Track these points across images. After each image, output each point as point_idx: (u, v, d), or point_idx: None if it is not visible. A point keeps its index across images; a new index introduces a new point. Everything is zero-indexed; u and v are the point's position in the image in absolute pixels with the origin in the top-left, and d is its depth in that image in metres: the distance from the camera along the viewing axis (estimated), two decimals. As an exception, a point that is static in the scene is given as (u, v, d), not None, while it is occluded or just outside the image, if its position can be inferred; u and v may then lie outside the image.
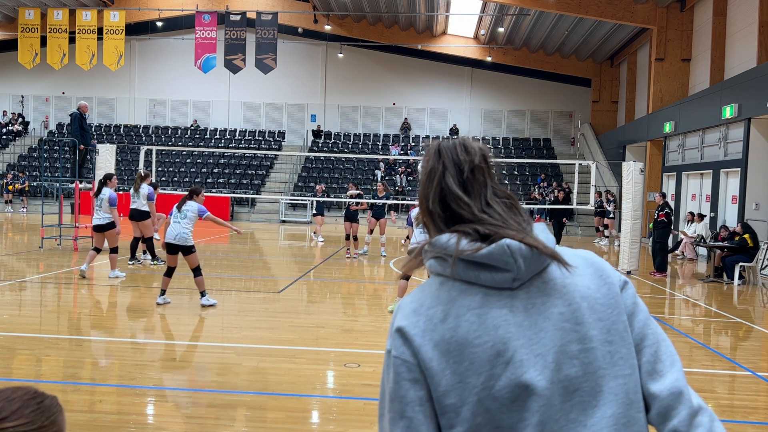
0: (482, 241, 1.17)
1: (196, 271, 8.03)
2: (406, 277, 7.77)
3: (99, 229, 10.50)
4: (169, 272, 8.20)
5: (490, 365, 1.12)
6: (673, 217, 14.06)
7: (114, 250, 10.53)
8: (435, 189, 1.26)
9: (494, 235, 1.17)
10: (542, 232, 1.23)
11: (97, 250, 10.85)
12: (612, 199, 21.74)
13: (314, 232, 19.31)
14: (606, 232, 21.54)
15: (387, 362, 1.20)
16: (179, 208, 8.06)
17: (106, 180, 10.82)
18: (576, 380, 1.14)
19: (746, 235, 12.41)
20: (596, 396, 1.14)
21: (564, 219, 19.18)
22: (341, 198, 15.11)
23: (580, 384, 1.14)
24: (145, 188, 11.63)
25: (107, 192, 10.55)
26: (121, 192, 16.77)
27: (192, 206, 8.02)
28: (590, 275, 1.22)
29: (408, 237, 14.13)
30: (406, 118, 33.07)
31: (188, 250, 7.90)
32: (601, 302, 1.19)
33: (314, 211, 19.46)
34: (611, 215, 21.20)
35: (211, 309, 8.24)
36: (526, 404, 1.11)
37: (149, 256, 12.06)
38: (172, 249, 7.95)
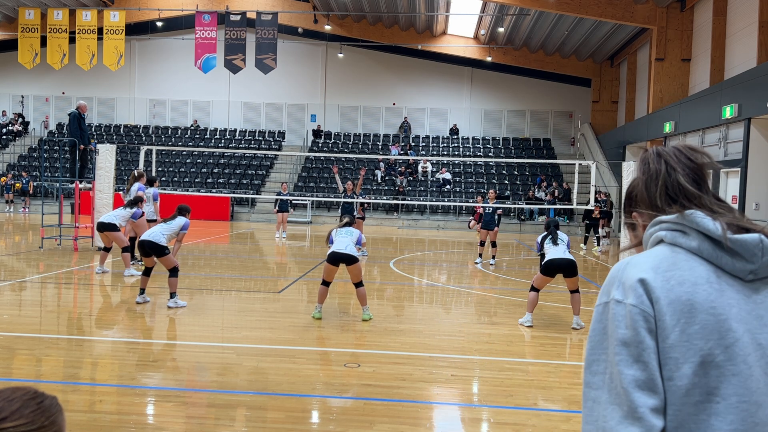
0: (731, 226, 1.29)
1: (172, 272, 8.15)
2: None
3: (101, 227, 10.62)
4: (147, 272, 8.38)
5: (719, 335, 1.21)
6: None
7: (125, 249, 10.64)
8: (661, 188, 1.40)
9: (746, 226, 1.29)
10: None
11: (107, 250, 10.97)
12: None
13: (284, 230, 19.16)
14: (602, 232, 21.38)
15: (615, 311, 1.27)
16: (166, 220, 8.50)
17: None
18: None
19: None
20: None
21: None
22: (342, 198, 15.08)
23: None
24: (135, 187, 11.73)
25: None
26: (119, 192, 16.78)
27: (180, 220, 8.37)
28: None
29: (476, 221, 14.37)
30: (405, 117, 33.04)
31: (161, 252, 8.02)
32: None
33: (277, 208, 19.22)
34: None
35: (211, 309, 8.24)
36: (740, 381, 1.20)
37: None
38: (146, 251, 8.09)
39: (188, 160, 30.45)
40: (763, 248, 1.24)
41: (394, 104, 33.39)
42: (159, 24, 30.73)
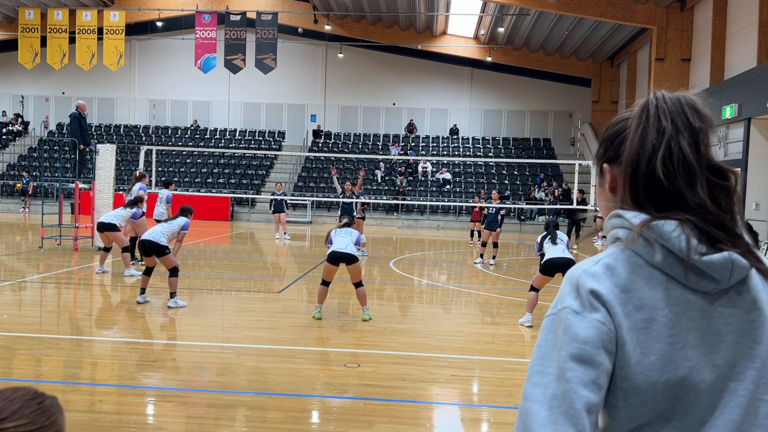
0: (702, 242, 1.11)
1: (172, 272, 8.17)
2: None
3: (101, 228, 10.59)
4: (148, 272, 8.40)
5: (674, 366, 1.11)
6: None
7: (125, 249, 10.64)
8: (664, 152, 1.13)
9: (720, 241, 1.11)
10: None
11: (107, 250, 10.95)
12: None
13: (285, 232, 18.81)
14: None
15: (571, 321, 1.13)
16: (166, 220, 8.60)
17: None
18: (737, 394, 1.14)
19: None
20: (749, 417, 1.14)
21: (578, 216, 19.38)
22: (341, 199, 15.08)
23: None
24: (137, 187, 11.75)
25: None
26: (120, 192, 16.79)
27: (181, 220, 8.42)
28: None
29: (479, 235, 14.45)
30: (411, 120, 33.02)
31: (161, 252, 8.04)
32: None
33: (272, 209, 18.81)
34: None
35: (211, 309, 8.24)
36: (690, 409, 1.13)
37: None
38: (146, 250, 8.12)
39: (188, 160, 30.45)
40: (732, 269, 1.10)
41: (394, 104, 33.39)
42: (159, 24, 30.72)
